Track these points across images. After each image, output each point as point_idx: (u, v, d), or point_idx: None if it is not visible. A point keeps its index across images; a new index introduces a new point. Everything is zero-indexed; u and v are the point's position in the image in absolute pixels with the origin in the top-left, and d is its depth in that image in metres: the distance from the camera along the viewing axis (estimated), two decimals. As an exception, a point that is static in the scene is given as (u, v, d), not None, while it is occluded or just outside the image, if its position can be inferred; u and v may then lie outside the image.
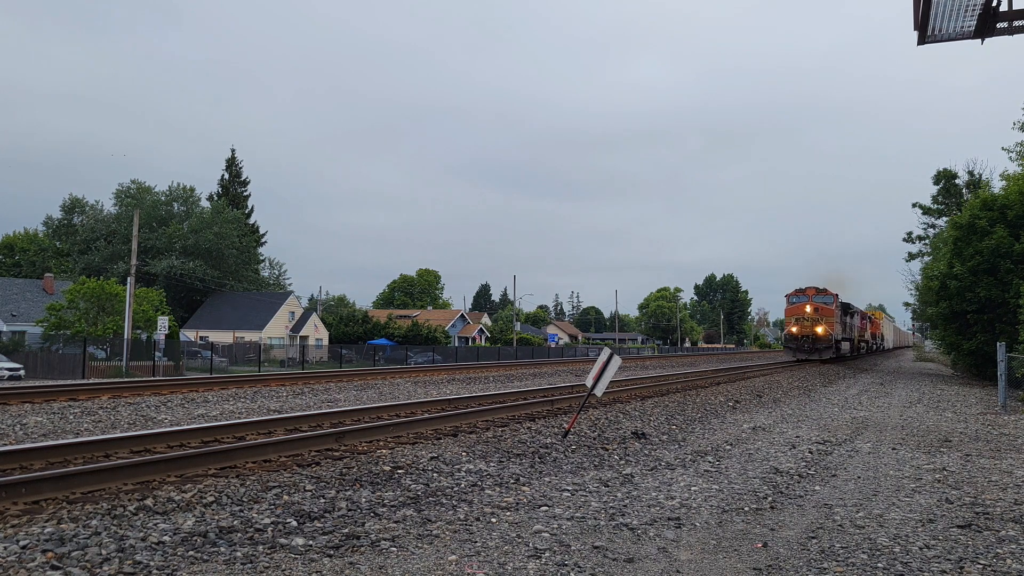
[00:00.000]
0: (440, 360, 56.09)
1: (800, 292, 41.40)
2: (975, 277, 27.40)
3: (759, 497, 7.26)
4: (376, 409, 12.73)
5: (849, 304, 47.77)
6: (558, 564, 5.03)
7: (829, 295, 41.23)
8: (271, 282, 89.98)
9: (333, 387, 19.74)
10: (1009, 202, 27.68)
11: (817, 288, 41.18)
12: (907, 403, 18.79)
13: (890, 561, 5.31)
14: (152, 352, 40.17)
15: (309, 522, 5.78)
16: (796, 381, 25.52)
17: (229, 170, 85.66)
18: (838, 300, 42.51)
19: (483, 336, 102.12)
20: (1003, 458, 10.09)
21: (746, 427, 12.85)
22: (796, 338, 40.81)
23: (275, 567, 4.79)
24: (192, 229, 73.00)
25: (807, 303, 40.37)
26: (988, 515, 6.71)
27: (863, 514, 6.68)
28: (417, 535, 5.60)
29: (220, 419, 12.14)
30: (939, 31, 9.24)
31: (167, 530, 5.34)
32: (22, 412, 12.20)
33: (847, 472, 8.81)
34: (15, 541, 4.92)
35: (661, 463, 9.04)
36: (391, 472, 7.63)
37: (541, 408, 13.70)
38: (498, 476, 7.79)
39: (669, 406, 15.19)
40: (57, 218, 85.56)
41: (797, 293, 41.48)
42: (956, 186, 46.21)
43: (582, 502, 6.82)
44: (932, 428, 13.36)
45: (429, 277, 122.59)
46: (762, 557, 5.36)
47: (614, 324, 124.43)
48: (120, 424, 11.36)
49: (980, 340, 27.60)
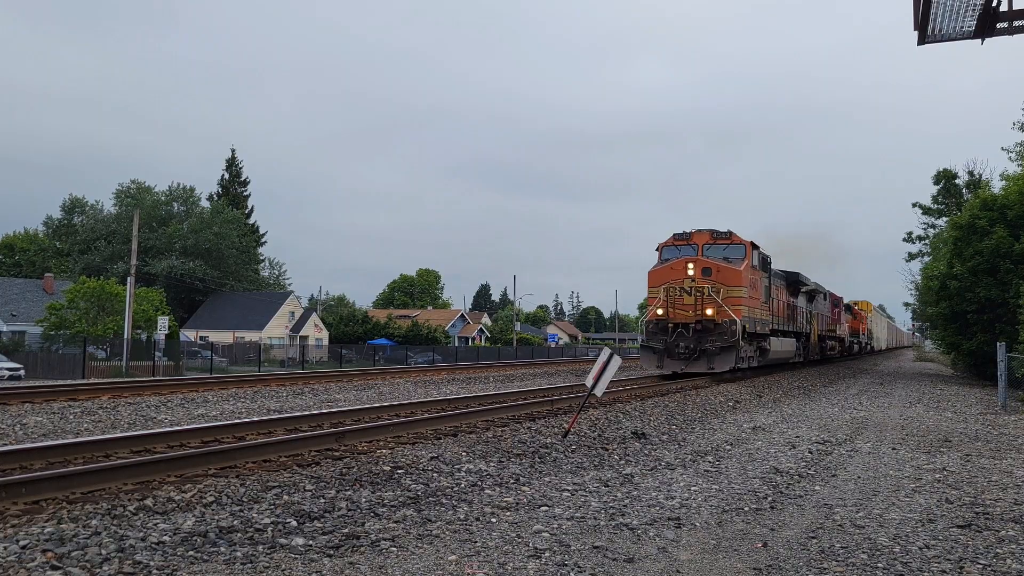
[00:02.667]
0: (440, 360, 56.10)
1: (681, 240, 23.28)
2: (975, 277, 27.38)
3: (759, 497, 7.26)
4: (376, 409, 12.73)
5: (799, 275, 30.80)
6: (558, 564, 5.03)
7: (738, 244, 22.93)
8: (271, 282, 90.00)
9: (333, 387, 19.74)
10: (1009, 202, 27.66)
11: (715, 233, 23.11)
12: (907, 403, 18.79)
13: (890, 561, 5.31)
14: (152, 352, 40.17)
15: (309, 522, 5.78)
16: (796, 381, 25.52)
17: (229, 170, 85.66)
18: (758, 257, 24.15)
19: (483, 336, 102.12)
20: (1003, 458, 10.09)
21: (746, 427, 12.85)
22: (663, 328, 22.11)
23: (275, 567, 4.79)
24: (192, 229, 72.98)
25: (689, 260, 22.36)
26: (988, 515, 6.71)
27: (863, 514, 6.68)
28: (417, 535, 5.60)
29: (220, 419, 12.13)
30: (939, 31, 9.24)
31: (167, 530, 5.34)
32: (22, 412, 12.20)
33: (847, 472, 8.81)
34: (15, 541, 4.91)
35: (661, 463, 9.04)
36: (391, 472, 7.63)
37: (541, 408, 13.70)
38: (498, 476, 7.80)
39: (669, 406, 15.19)
40: (57, 218, 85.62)
41: (675, 242, 23.34)
42: (956, 186, 46.16)
43: (582, 502, 6.82)
44: (932, 428, 13.36)
45: (429, 277, 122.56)
46: (762, 557, 5.36)
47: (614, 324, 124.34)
48: (120, 424, 11.36)
49: (980, 340, 27.57)
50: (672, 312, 22.18)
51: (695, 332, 21.78)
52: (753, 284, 23.43)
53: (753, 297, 23.35)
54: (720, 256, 22.77)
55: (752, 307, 23.16)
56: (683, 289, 22.17)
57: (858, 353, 55.51)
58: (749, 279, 22.90)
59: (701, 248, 22.85)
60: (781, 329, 28.12)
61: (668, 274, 22.54)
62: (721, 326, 21.56)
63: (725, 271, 22.26)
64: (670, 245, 23.46)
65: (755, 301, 23.62)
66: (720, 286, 21.97)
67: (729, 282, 22.11)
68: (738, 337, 21.53)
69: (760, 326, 24.21)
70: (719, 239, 23.04)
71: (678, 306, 22.18)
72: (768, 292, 25.68)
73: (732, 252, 22.97)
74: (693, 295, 21.98)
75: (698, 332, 21.76)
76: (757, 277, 24.05)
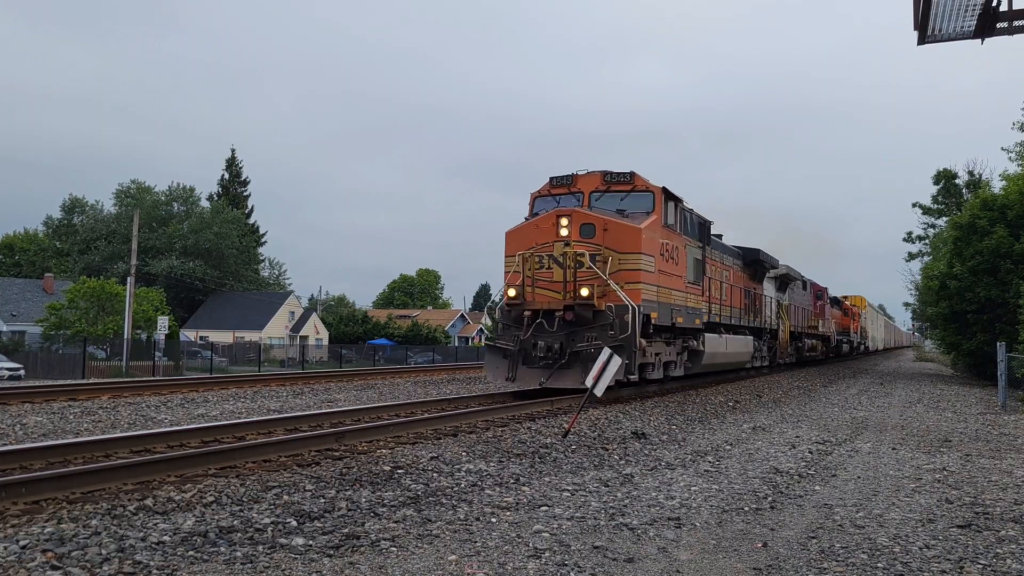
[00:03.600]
0: (440, 360, 56.10)
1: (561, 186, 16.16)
2: (975, 277, 27.39)
3: (759, 497, 7.26)
4: (376, 409, 12.73)
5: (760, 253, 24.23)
6: (558, 564, 5.04)
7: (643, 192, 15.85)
8: (271, 282, 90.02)
9: (333, 387, 19.74)
10: (1009, 202, 27.67)
11: (609, 176, 15.90)
12: (907, 403, 18.80)
13: (890, 561, 5.31)
14: (152, 352, 40.18)
15: (309, 522, 5.78)
16: (796, 381, 25.53)
17: (229, 170, 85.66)
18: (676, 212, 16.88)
19: (483, 336, 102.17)
20: (1003, 458, 10.09)
21: (746, 427, 12.85)
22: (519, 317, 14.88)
23: (275, 567, 4.79)
24: (192, 229, 73.00)
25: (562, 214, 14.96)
26: (988, 515, 6.71)
27: (863, 514, 6.68)
28: (417, 535, 5.60)
29: (220, 419, 12.13)
30: (939, 31, 9.25)
31: (167, 530, 5.34)
32: (22, 412, 12.20)
33: (847, 472, 8.81)
34: (15, 541, 4.92)
35: (661, 463, 9.05)
36: (391, 472, 7.63)
37: (541, 408, 13.70)
38: (498, 476, 7.80)
39: (669, 406, 15.20)
40: (57, 218, 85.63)
41: (552, 190, 16.29)
42: (956, 186, 46.18)
43: (582, 502, 6.83)
44: (932, 428, 13.37)
45: (429, 277, 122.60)
46: (762, 557, 5.36)
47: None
48: (120, 424, 11.36)
49: (980, 340, 27.58)
50: (531, 293, 14.57)
51: (564, 324, 14.21)
52: (668, 252, 16.11)
53: (667, 272, 16.00)
54: (615, 209, 15.34)
55: (666, 286, 15.90)
56: (550, 258, 14.56)
57: (848, 354, 48.97)
58: (659, 244, 15.61)
59: (588, 197, 15.50)
60: (732, 323, 21.51)
61: (532, 235, 15.00)
62: (603, 314, 14.04)
63: (617, 230, 14.62)
64: (545, 195, 16.12)
65: (672, 278, 16.28)
66: (609, 253, 14.46)
67: (623, 247, 14.57)
68: (632, 332, 13.89)
69: (684, 316, 16.99)
70: (616, 184, 15.58)
71: (541, 283, 14.62)
72: (701, 268, 18.51)
73: (633, 203, 15.46)
74: (564, 267, 14.25)
75: (569, 324, 14.22)
76: (676, 243, 16.69)
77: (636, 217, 15.28)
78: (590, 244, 14.63)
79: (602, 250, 14.60)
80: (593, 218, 14.94)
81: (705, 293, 18.98)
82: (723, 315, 20.75)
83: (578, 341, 14.25)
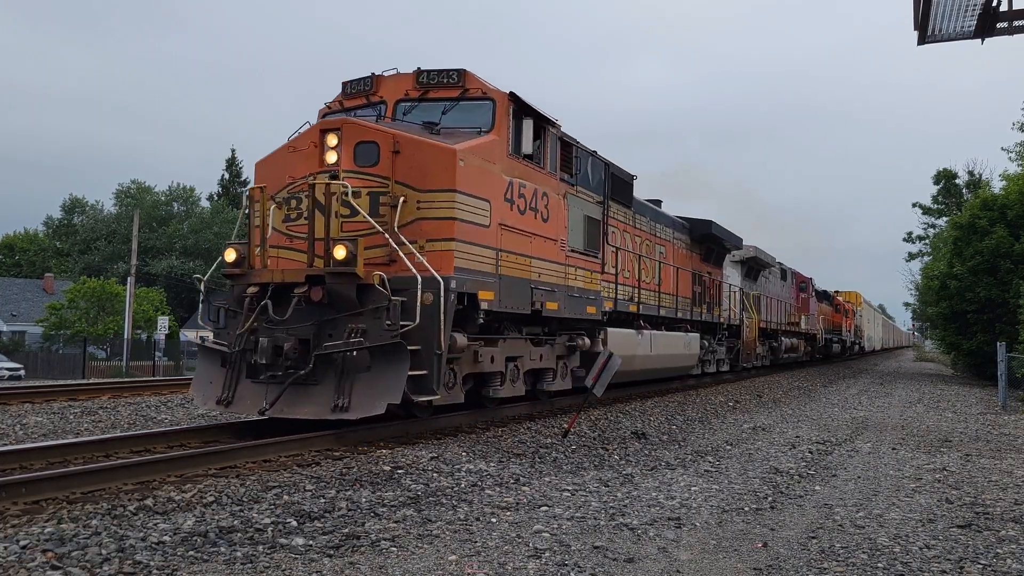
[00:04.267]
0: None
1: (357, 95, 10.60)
2: (975, 277, 27.40)
3: (759, 497, 7.26)
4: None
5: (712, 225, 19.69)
6: (558, 564, 5.04)
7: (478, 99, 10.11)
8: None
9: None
10: (1009, 202, 27.69)
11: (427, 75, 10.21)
12: (907, 403, 18.80)
13: (890, 561, 5.31)
14: (152, 352, 40.21)
15: (309, 522, 5.79)
16: (796, 381, 25.53)
17: (229, 170, 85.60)
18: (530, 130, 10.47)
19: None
20: (1003, 458, 10.09)
21: (746, 427, 12.85)
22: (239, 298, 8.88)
23: (275, 567, 4.79)
24: (192, 229, 73.02)
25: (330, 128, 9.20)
26: (988, 515, 6.71)
27: (863, 514, 6.68)
28: (417, 535, 5.60)
29: (220, 419, 12.12)
30: (939, 31, 9.26)
31: (167, 530, 5.34)
32: (22, 412, 12.19)
33: (847, 472, 8.81)
34: (15, 541, 4.91)
35: (661, 463, 9.05)
36: (391, 472, 7.63)
37: (541, 408, 13.69)
38: (498, 476, 7.80)
39: (669, 406, 15.20)
40: (57, 218, 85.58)
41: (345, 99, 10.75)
42: (956, 186, 46.23)
43: (582, 502, 6.82)
44: (932, 428, 13.37)
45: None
46: (762, 557, 5.36)
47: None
48: (120, 424, 11.36)
49: (980, 340, 27.58)
50: (262, 257, 9.08)
51: (309, 309, 8.67)
52: (528, 200, 10.86)
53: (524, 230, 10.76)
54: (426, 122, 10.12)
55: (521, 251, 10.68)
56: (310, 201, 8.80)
57: (840, 355, 43.30)
58: (503, 182, 10.27)
59: (393, 108, 10.48)
60: (665, 316, 16.89)
61: (288, 164, 9.77)
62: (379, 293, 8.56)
63: (417, 153, 9.28)
64: (337, 110, 10.94)
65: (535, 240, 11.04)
66: (403, 191, 9.22)
67: (426, 182, 9.24)
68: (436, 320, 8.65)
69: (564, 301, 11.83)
70: (436, 87, 10.38)
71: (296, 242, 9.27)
72: (600, 232, 13.37)
73: (464, 117, 10.29)
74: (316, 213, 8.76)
75: (318, 309, 8.70)
76: (546, 188, 11.41)
77: (463, 136, 9.89)
78: (371, 176, 9.20)
79: (391, 186, 9.19)
80: (377, 133, 9.35)
81: (610, 269, 13.89)
82: (646, 302, 15.84)
83: (335, 337, 8.64)
